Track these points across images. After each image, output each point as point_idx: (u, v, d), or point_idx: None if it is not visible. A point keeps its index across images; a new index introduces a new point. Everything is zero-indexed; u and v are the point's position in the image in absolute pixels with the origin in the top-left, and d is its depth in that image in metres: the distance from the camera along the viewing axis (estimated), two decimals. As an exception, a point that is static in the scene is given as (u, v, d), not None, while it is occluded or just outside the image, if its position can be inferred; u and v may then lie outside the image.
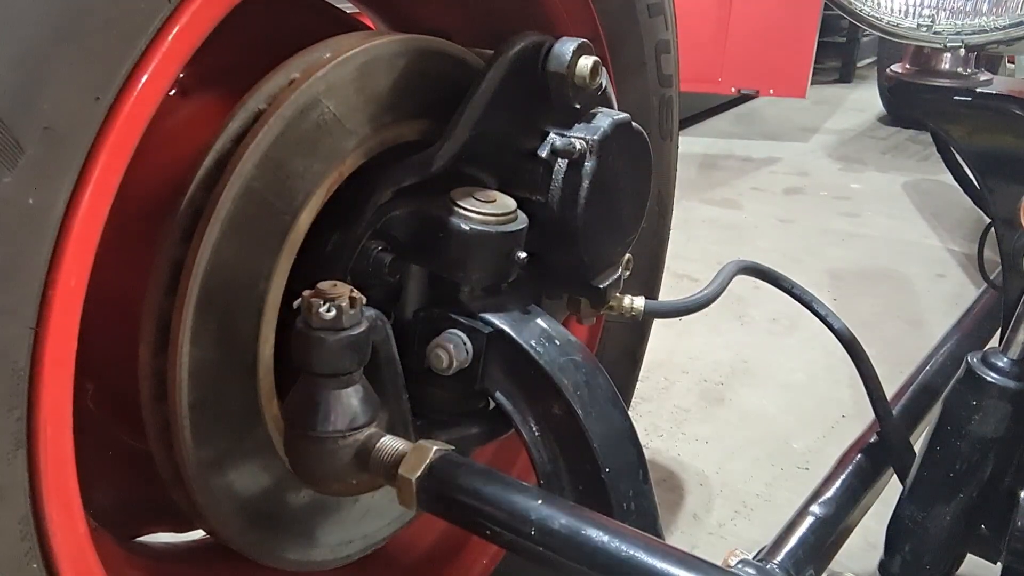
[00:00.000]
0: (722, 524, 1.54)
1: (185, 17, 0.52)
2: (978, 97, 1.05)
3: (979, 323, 1.34)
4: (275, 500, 0.79)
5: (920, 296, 2.54)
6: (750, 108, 4.94)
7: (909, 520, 0.89)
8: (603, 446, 0.76)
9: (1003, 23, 0.96)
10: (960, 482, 0.87)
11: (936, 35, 0.99)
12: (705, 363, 2.10)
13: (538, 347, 0.77)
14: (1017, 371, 0.85)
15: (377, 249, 0.77)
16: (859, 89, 5.55)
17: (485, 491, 0.67)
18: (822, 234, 3.02)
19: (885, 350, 2.00)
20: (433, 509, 0.70)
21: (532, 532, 0.65)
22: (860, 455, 1.03)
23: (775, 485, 1.65)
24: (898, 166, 3.88)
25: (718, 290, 1.01)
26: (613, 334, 1.19)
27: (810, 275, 2.56)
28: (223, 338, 0.69)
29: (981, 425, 0.85)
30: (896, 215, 3.24)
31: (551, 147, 0.81)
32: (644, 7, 1.02)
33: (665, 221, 1.23)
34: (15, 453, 0.50)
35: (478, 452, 0.99)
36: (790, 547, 0.90)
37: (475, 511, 0.67)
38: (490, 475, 0.69)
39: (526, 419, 0.78)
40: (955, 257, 2.81)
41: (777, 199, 3.41)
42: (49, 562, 0.55)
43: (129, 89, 0.50)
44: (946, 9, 0.99)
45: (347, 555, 0.89)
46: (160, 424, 0.69)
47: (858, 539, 1.02)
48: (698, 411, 1.91)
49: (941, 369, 1.21)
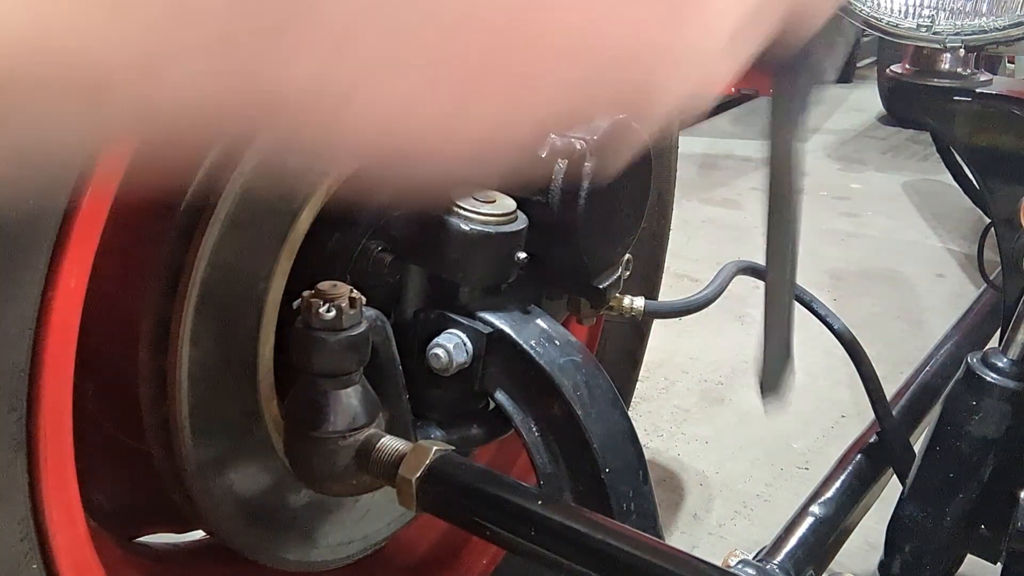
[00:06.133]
0: (722, 524, 1.54)
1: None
2: (978, 97, 1.05)
3: (979, 323, 1.34)
4: (275, 500, 0.79)
5: (920, 296, 2.54)
6: (750, 108, 4.94)
7: (909, 520, 0.89)
8: (603, 446, 0.76)
9: (1003, 23, 0.96)
10: (960, 482, 0.87)
11: (936, 35, 0.99)
12: (705, 363, 2.10)
13: (538, 347, 0.77)
14: (1017, 371, 0.85)
15: (377, 249, 0.77)
16: (859, 89, 5.54)
17: (485, 491, 0.67)
18: (822, 234, 3.02)
19: (885, 350, 2.00)
20: (433, 509, 0.70)
21: (532, 532, 0.65)
22: (860, 455, 1.03)
23: (775, 485, 1.65)
24: (898, 166, 3.88)
25: (718, 290, 1.01)
26: (613, 334, 1.19)
27: (810, 275, 2.56)
28: (223, 338, 0.69)
29: (981, 425, 0.85)
30: (896, 215, 3.24)
31: (551, 147, 0.81)
32: (644, 7, 1.02)
33: (665, 221, 1.23)
34: (15, 453, 0.50)
35: (478, 452, 0.99)
36: (790, 547, 0.90)
37: (475, 511, 0.68)
38: (490, 475, 0.69)
39: (526, 419, 0.78)
40: (955, 257, 2.81)
41: (777, 199, 3.41)
42: (49, 562, 0.55)
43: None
44: (946, 9, 0.99)
45: (347, 555, 0.89)
46: (160, 424, 0.69)
47: (858, 539, 1.02)
48: (698, 411, 1.91)
49: (941, 369, 1.21)
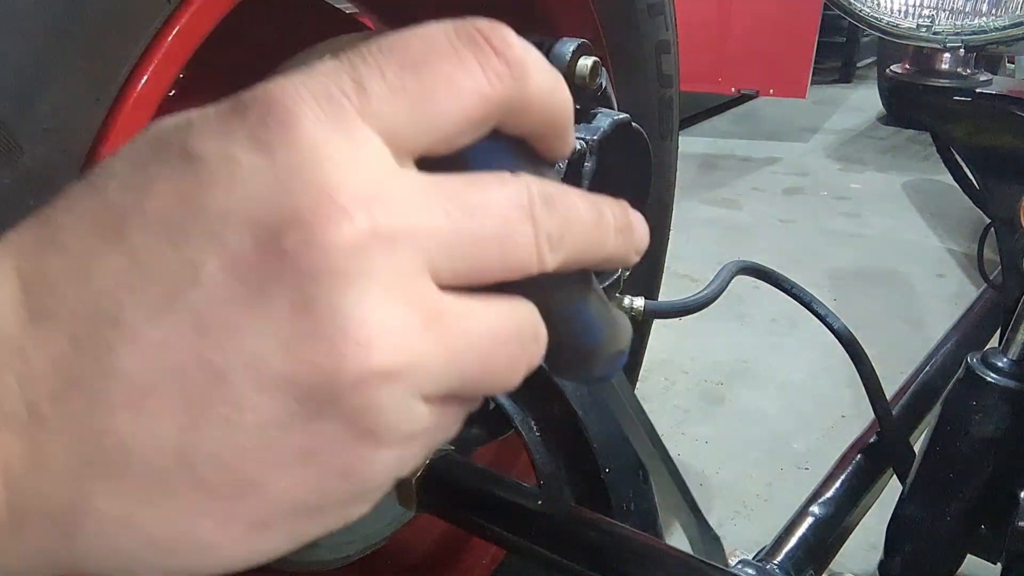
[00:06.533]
0: (722, 524, 1.54)
1: (185, 17, 0.52)
2: (978, 97, 1.04)
3: (979, 323, 1.34)
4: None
5: (920, 296, 2.54)
6: (750, 108, 4.94)
7: (909, 520, 0.89)
8: (603, 446, 0.76)
9: (1003, 23, 0.96)
10: (960, 482, 0.86)
11: (936, 35, 0.99)
12: (705, 363, 2.10)
13: (538, 347, 0.77)
14: (1017, 371, 0.85)
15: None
16: (859, 89, 5.55)
17: (485, 491, 0.67)
18: (822, 234, 3.02)
19: (885, 350, 2.00)
20: (433, 509, 0.70)
21: (532, 532, 0.65)
22: (860, 455, 1.03)
23: (775, 485, 1.65)
24: (898, 166, 3.88)
25: (718, 290, 1.00)
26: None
27: (810, 275, 2.56)
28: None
29: (981, 425, 0.85)
30: (896, 215, 3.24)
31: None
32: (644, 7, 1.02)
33: (665, 221, 1.23)
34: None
35: (478, 452, 0.99)
36: (790, 547, 0.90)
37: (475, 511, 0.68)
38: (490, 475, 0.70)
39: (526, 419, 0.78)
40: (955, 257, 2.81)
41: (777, 199, 3.41)
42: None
43: (129, 90, 0.50)
44: (946, 9, 0.99)
45: (347, 555, 0.89)
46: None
47: (858, 539, 1.02)
48: (698, 411, 1.91)
49: (941, 369, 1.21)
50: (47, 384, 0.23)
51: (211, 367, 0.23)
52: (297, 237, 0.22)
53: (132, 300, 0.23)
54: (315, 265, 0.22)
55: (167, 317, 0.23)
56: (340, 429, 0.24)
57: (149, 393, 0.23)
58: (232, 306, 0.23)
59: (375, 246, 0.23)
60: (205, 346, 0.23)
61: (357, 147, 0.24)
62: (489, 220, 0.25)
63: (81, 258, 0.24)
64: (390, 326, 0.23)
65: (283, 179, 0.23)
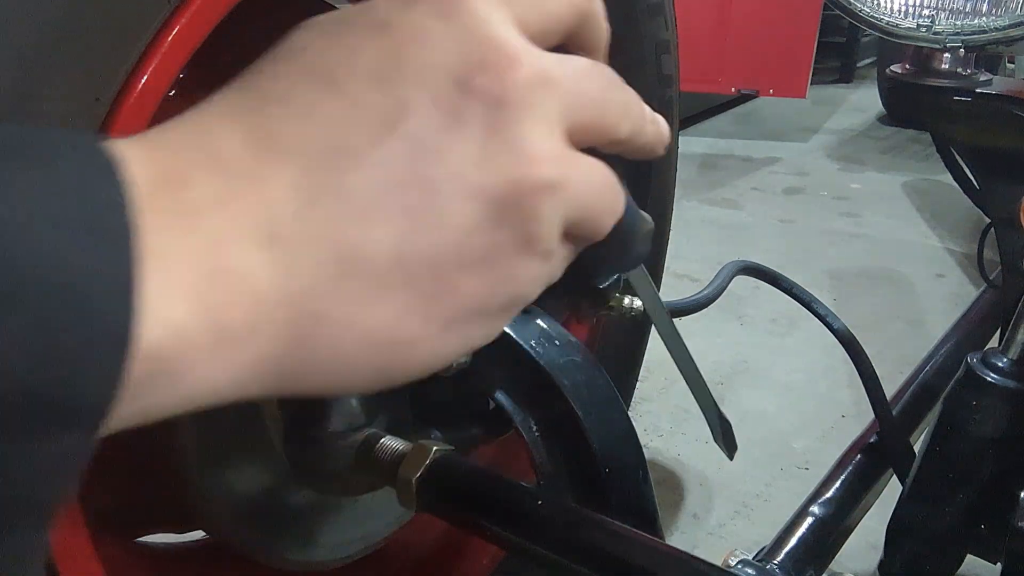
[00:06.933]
0: (722, 524, 1.54)
1: (185, 17, 0.52)
2: (978, 97, 1.04)
3: (979, 323, 1.34)
4: (275, 500, 0.79)
5: (920, 296, 2.54)
6: (750, 108, 4.94)
7: (909, 520, 0.89)
8: (603, 446, 0.76)
9: (1003, 23, 0.96)
10: (960, 482, 0.86)
11: (936, 35, 0.99)
12: (705, 363, 2.09)
13: (538, 347, 0.77)
14: (1017, 371, 0.85)
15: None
16: (859, 89, 5.54)
17: (485, 491, 0.67)
18: (822, 234, 3.02)
19: (885, 350, 2.00)
20: (433, 509, 0.70)
21: (532, 532, 0.65)
22: (860, 455, 1.03)
23: (775, 485, 1.65)
24: (898, 166, 3.88)
25: (718, 290, 1.01)
26: (613, 334, 1.19)
27: (810, 275, 2.56)
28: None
29: (981, 425, 0.85)
30: (896, 215, 3.24)
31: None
32: (644, 7, 1.02)
33: (665, 221, 1.23)
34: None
35: (478, 452, 0.99)
36: (790, 547, 0.90)
37: (475, 511, 0.67)
38: (490, 475, 0.69)
39: (526, 419, 0.78)
40: (955, 257, 2.81)
41: (777, 199, 3.41)
42: (49, 562, 0.55)
43: (129, 89, 0.50)
44: (946, 9, 0.99)
45: (347, 555, 0.89)
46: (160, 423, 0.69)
47: (858, 539, 1.02)
48: (698, 411, 1.90)
49: (941, 369, 1.21)
50: (288, 204, 0.27)
51: (425, 181, 0.28)
52: (485, 78, 0.29)
53: (356, 132, 0.28)
54: (500, 96, 0.29)
55: (387, 142, 0.28)
56: (511, 236, 0.29)
57: (376, 205, 0.28)
58: (439, 132, 0.28)
59: (539, 85, 0.29)
60: (420, 164, 0.28)
61: (507, 18, 0.30)
62: (621, 89, 0.34)
63: (303, 106, 0.28)
64: (551, 148, 0.30)
65: (467, 37, 0.29)
